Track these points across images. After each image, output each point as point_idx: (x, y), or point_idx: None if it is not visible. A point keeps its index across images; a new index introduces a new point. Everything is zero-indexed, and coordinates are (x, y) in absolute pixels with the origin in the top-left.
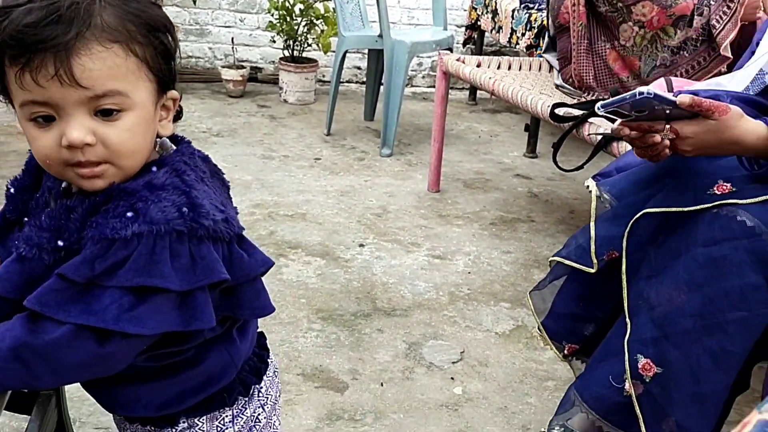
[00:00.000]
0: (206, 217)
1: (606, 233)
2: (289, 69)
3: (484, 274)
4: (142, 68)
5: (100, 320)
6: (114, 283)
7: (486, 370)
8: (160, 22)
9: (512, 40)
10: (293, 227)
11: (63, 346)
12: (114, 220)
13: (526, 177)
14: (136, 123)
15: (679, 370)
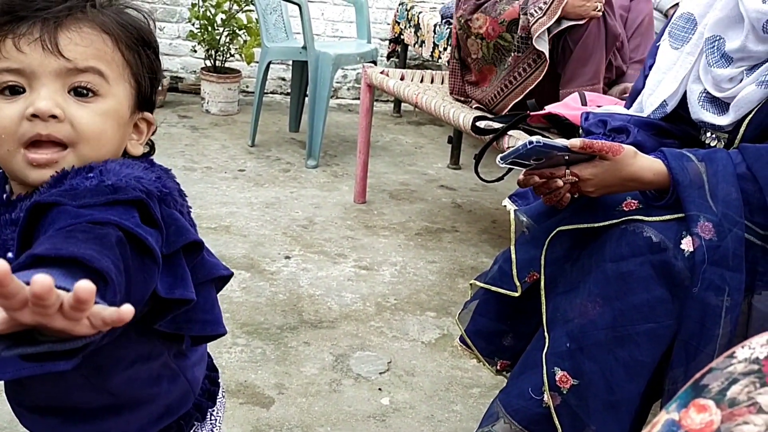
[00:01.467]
0: (174, 191)
1: (525, 256)
2: (211, 79)
3: (411, 284)
4: (126, 69)
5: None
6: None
7: (413, 380)
8: (151, 39)
9: (434, 54)
10: (216, 240)
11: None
12: (74, 181)
13: (450, 188)
14: (109, 112)
15: (594, 381)
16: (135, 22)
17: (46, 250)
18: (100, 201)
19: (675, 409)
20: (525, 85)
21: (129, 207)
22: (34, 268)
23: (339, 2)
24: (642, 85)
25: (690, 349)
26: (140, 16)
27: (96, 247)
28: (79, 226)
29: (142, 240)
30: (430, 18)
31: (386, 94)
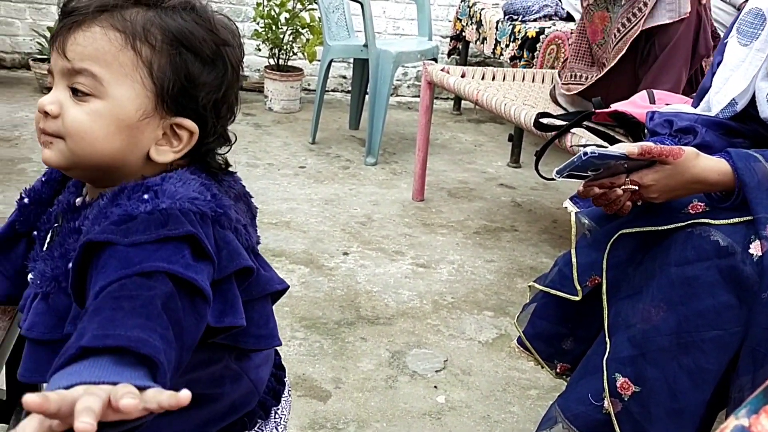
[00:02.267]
0: (229, 208)
1: (587, 259)
2: (274, 77)
3: (468, 282)
4: (139, 69)
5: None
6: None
7: (469, 379)
8: (197, 43)
9: (496, 51)
10: (277, 235)
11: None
12: (130, 203)
13: (510, 186)
14: (102, 114)
15: (657, 388)
16: (185, 26)
17: (94, 339)
18: (151, 238)
19: (745, 415)
20: (628, 37)
21: (180, 243)
22: (83, 359)
23: (401, 0)
24: (709, 84)
25: (758, 356)
26: (211, 19)
27: (143, 321)
28: (126, 288)
29: (193, 283)
30: (492, 14)
31: (446, 92)
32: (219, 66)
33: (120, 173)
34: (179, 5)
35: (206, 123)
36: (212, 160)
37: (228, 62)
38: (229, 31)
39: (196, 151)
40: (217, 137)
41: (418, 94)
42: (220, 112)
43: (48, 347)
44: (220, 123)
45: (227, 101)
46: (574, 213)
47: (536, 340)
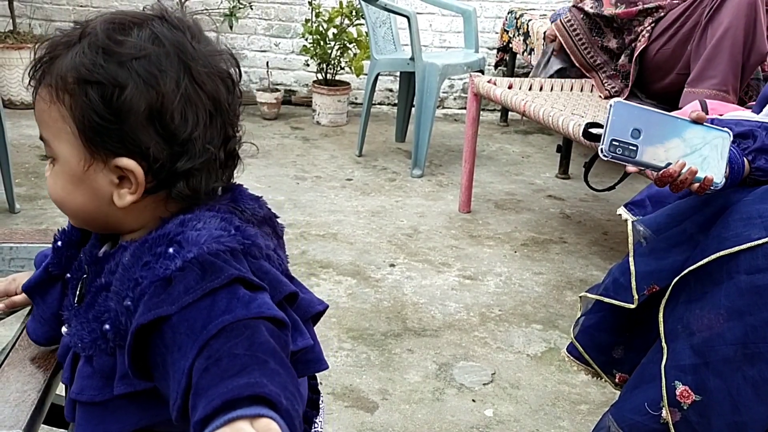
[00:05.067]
0: (256, 237)
1: (645, 268)
2: (322, 92)
3: (516, 295)
4: (67, 120)
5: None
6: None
7: (517, 393)
8: (96, 73)
9: None
10: (324, 247)
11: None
12: (158, 263)
13: (559, 198)
14: (59, 174)
15: (719, 399)
16: (78, 58)
17: (205, 409)
18: (197, 296)
19: None
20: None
21: (229, 287)
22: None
23: (447, 13)
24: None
25: None
26: (111, 37)
27: (248, 373)
28: (216, 352)
29: (266, 316)
30: (539, 25)
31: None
32: (129, 88)
33: (119, 225)
34: (90, 33)
35: (147, 154)
36: (183, 187)
37: (140, 78)
38: (142, 39)
39: (165, 181)
40: (188, 158)
41: (464, 106)
42: (163, 134)
43: (100, 407)
44: (175, 145)
45: (163, 120)
46: (630, 221)
47: (593, 350)
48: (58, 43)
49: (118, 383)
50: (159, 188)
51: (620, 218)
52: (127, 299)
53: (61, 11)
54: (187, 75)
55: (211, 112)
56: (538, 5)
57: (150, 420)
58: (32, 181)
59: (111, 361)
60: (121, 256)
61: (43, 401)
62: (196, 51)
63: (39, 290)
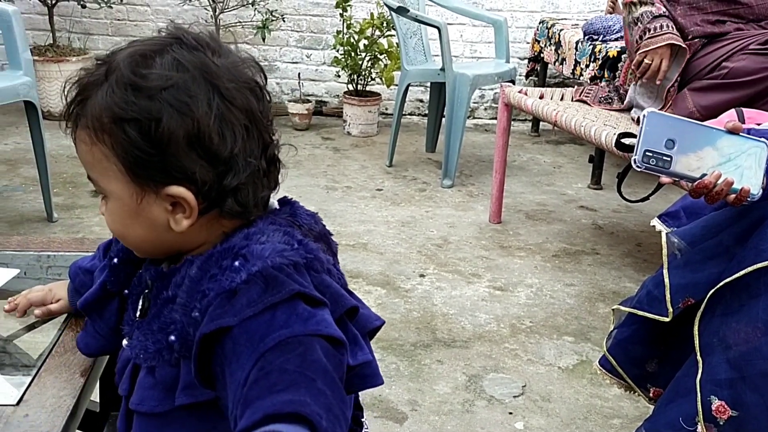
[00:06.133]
0: (318, 251)
1: (680, 281)
2: (352, 102)
3: (547, 306)
4: (111, 158)
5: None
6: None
7: (549, 406)
8: (130, 112)
9: (576, 71)
10: (355, 257)
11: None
12: (224, 276)
13: (591, 209)
14: (115, 211)
15: (756, 414)
16: (108, 99)
17: (248, 421)
18: (258, 310)
19: None
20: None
21: (290, 303)
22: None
23: (478, 23)
24: None
25: None
26: (133, 72)
27: (297, 388)
28: (268, 365)
29: (323, 334)
30: (571, 35)
31: (524, 114)
32: (164, 119)
33: (181, 247)
34: (115, 70)
35: (195, 178)
36: (232, 203)
37: (172, 107)
38: (165, 68)
39: (216, 200)
40: (233, 175)
41: (495, 116)
42: (205, 157)
43: (159, 418)
44: (219, 165)
45: (203, 143)
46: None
47: (626, 364)
48: (87, 83)
49: (180, 394)
50: (211, 208)
51: (654, 230)
52: (195, 311)
53: (99, 25)
54: (217, 94)
55: (246, 125)
56: (569, 15)
57: (207, 430)
58: (70, 190)
59: (174, 372)
60: (187, 270)
61: (78, 407)
62: (220, 68)
63: (96, 307)
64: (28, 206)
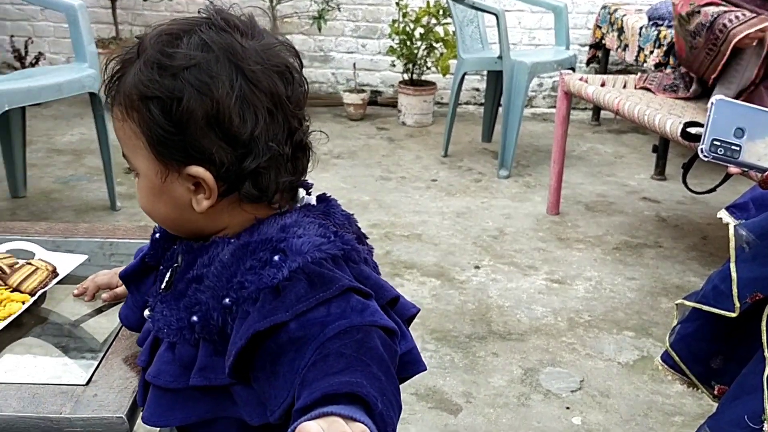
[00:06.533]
0: (354, 242)
1: (749, 275)
2: (408, 92)
3: (607, 300)
4: (138, 136)
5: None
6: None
7: (607, 401)
8: (153, 89)
9: (639, 58)
10: (409, 247)
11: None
12: (265, 271)
13: (654, 200)
14: (143, 188)
15: None
16: (136, 76)
17: (306, 400)
18: (312, 304)
19: None
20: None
21: (342, 297)
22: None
23: (537, 9)
24: None
25: None
26: (163, 49)
27: (356, 371)
28: (325, 349)
29: (378, 324)
30: (635, 20)
31: (584, 102)
32: (185, 98)
33: (203, 229)
34: (146, 48)
35: (213, 159)
36: (249, 187)
37: (193, 87)
38: (191, 48)
39: (235, 183)
40: (253, 158)
41: (553, 104)
42: (225, 138)
43: (172, 394)
44: (238, 146)
45: (222, 124)
46: (732, 225)
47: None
48: (123, 61)
49: (195, 374)
50: (231, 191)
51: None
52: (227, 298)
53: (160, 18)
54: (240, 76)
55: (270, 108)
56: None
57: (213, 414)
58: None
59: (192, 352)
60: (215, 252)
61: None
62: (247, 50)
63: (134, 278)
64: (92, 195)
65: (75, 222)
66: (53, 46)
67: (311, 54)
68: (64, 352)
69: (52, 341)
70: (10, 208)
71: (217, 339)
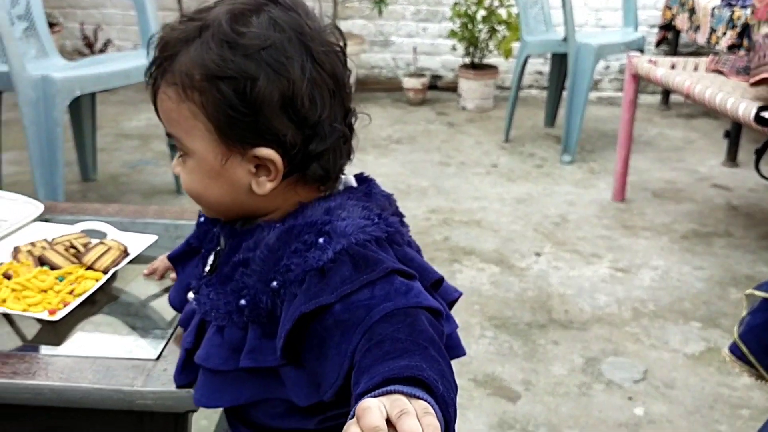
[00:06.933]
0: (397, 224)
1: None
2: (468, 76)
3: (673, 290)
4: (198, 117)
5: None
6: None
7: (671, 393)
8: (226, 69)
9: (712, 39)
10: (468, 233)
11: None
12: (310, 253)
13: (725, 188)
14: (194, 170)
15: None
16: (204, 56)
17: (367, 384)
18: (356, 287)
19: None
20: None
21: (387, 279)
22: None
23: None
24: None
25: None
26: (233, 30)
27: (411, 355)
28: (377, 335)
29: (425, 306)
30: (707, 1)
31: (652, 85)
32: (261, 79)
33: (255, 211)
34: (210, 26)
35: (284, 141)
36: (317, 168)
37: (269, 68)
38: (263, 27)
39: (300, 165)
40: (319, 140)
41: (620, 88)
42: (296, 120)
43: (222, 376)
44: (306, 129)
45: (295, 106)
46: None
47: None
48: (176, 39)
49: (244, 357)
50: (292, 172)
51: None
52: (274, 281)
53: None
54: (309, 57)
55: (332, 90)
56: None
57: (262, 395)
58: None
59: (241, 335)
60: (260, 236)
61: None
62: (313, 31)
63: (180, 260)
64: (158, 179)
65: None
66: (121, 33)
67: (371, 38)
68: (135, 328)
69: (124, 318)
70: (81, 191)
71: (266, 322)
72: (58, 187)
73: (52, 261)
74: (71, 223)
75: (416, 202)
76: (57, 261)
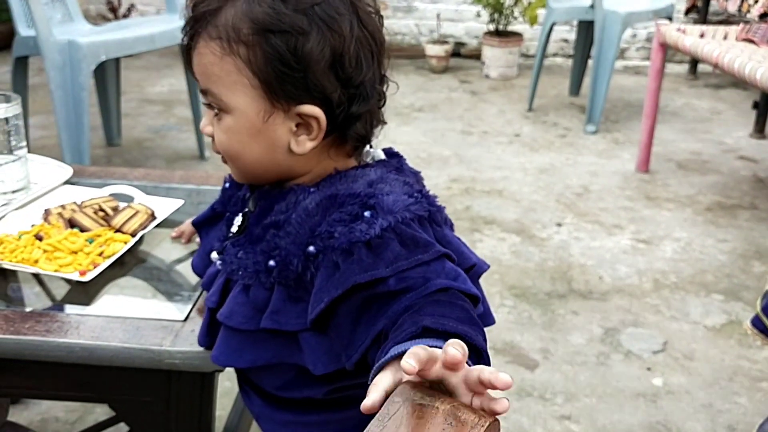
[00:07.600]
0: (436, 199)
1: None
2: (492, 44)
3: (695, 262)
4: (243, 71)
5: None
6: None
7: (690, 364)
8: (280, 23)
9: (743, 8)
10: (489, 203)
11: None
12: (356, 225)
13: (752, 160)
14: (233, 127)
15: None
16: (257, 8)
17: (433, 323)
18: (411, 265)
19: None
20: None
21: (438, 261)
22: (425, 337)
23: None
24: None
25: None
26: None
27: (463, 321)
28: (433, 299)
29: (468, 292)
30: None
31: (680, 54)
32: (313, 35)
33: (289, 173)
34: None
35: (330, 99)
36: (359, 128)
37: (323, 23)
38: None
39: (342, 125)
40: (361, 101)
41: (647, 57)
42: (342, 79)
43: (243, 335)
44: (351, 88)
45: (343, 65)
46: None
47: None
48: None
49: (267, 317)
50: (332, 133)
51: None
52: (311, 246)
53: None
54: (356, 16)
55: (374, 52)
56: None
57: (279, 359)
58: None
59: (266, 295)
60: (293, 199)
61: None
62: None
63: (204, 224)
64: (182, 145)
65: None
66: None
67: (394, 4)
68: (163, 290)
69: (152, 280)
70: (106, 156)
71: (293, 285)
72: (84, 152)
73: (82, 223)
74: (99, 186)
75: (438, 171)
76: (86, 223)
